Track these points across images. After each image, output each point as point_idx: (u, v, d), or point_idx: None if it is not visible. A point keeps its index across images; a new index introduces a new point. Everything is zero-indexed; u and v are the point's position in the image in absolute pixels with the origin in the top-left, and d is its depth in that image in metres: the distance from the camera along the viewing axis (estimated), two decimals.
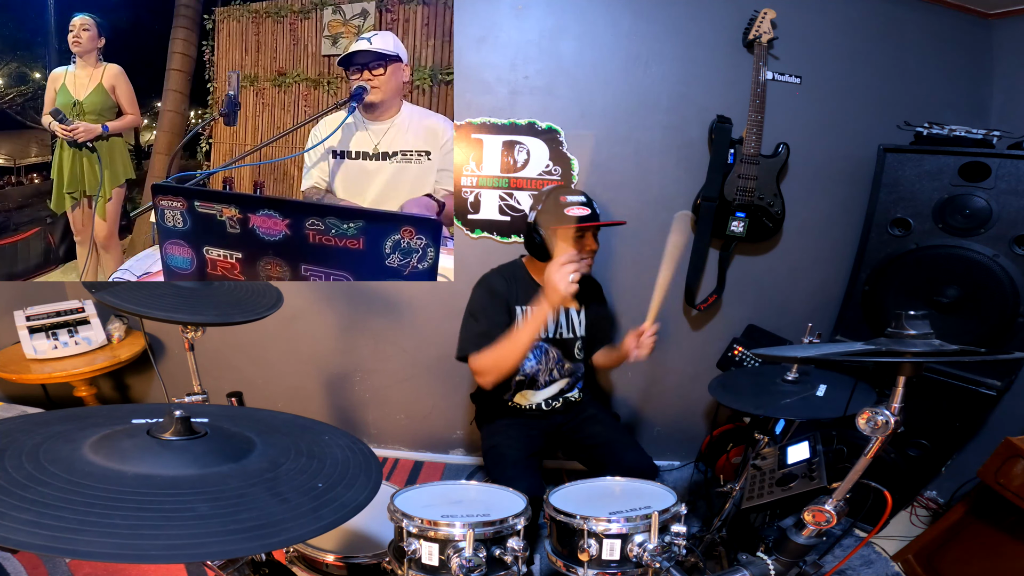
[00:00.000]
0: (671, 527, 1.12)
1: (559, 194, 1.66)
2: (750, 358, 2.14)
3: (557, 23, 2.09)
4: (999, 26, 2.10)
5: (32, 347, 2.17)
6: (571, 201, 1.64)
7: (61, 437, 0.78)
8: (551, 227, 1.63)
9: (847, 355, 0.95)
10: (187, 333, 1.42)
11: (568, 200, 1.64)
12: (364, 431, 2.60)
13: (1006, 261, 1.77)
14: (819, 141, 2.15)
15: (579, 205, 1.64)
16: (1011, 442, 1.51)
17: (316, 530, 0.70)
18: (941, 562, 1.76)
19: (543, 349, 1.78)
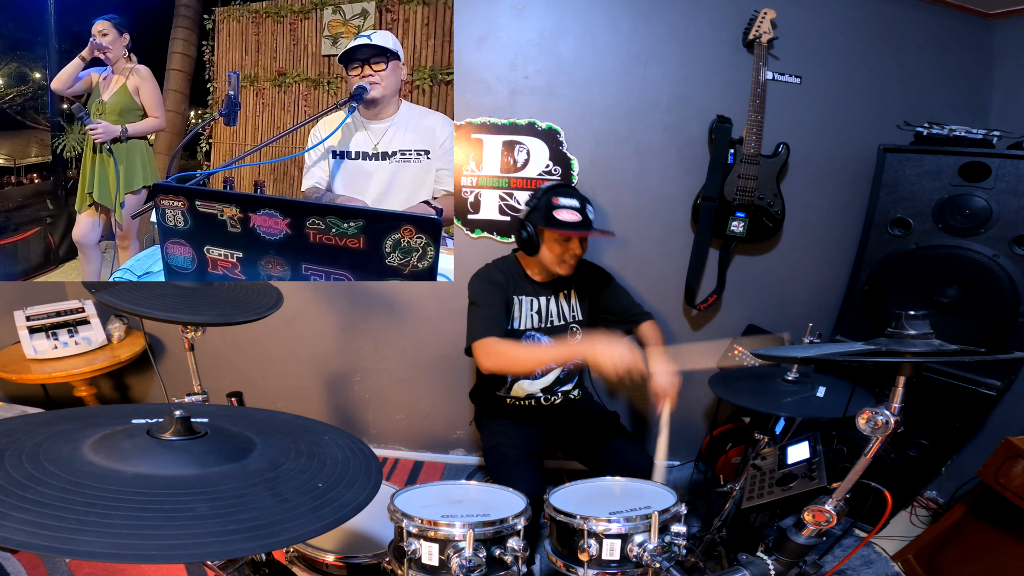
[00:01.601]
0: (671, 527, 1.12)
1: (554, 194, 1.64)
2: (750, 358, 2.13)
3: (557, 23, 2.09)
4: (999, 26, 2.10)
5: (32, 347, 2.17)
6: (563, 204, 1.62)
7: (61, 437, 0.78)
8: (538, 226, 1.64)
9: (847, 355, 0.94)
10: (187, 333, 1.42)
11: (560, 202, 1.62)
12: (364, 431, 2.60)
13: (1006, 261, 1.77)
14: (819, 141, 2.15)
15: (570, 210, 1.62)
16: (1011, 442, 1.51)
17: (316, 530, 0.70)
18: (941, 562, 1.76)
19: (534, 339, 1.78)
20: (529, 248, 1.70)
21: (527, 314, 1.76)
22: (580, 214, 1.63)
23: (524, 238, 1.68)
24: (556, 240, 1.65)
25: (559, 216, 1.61)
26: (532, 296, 1.77)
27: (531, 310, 1.77)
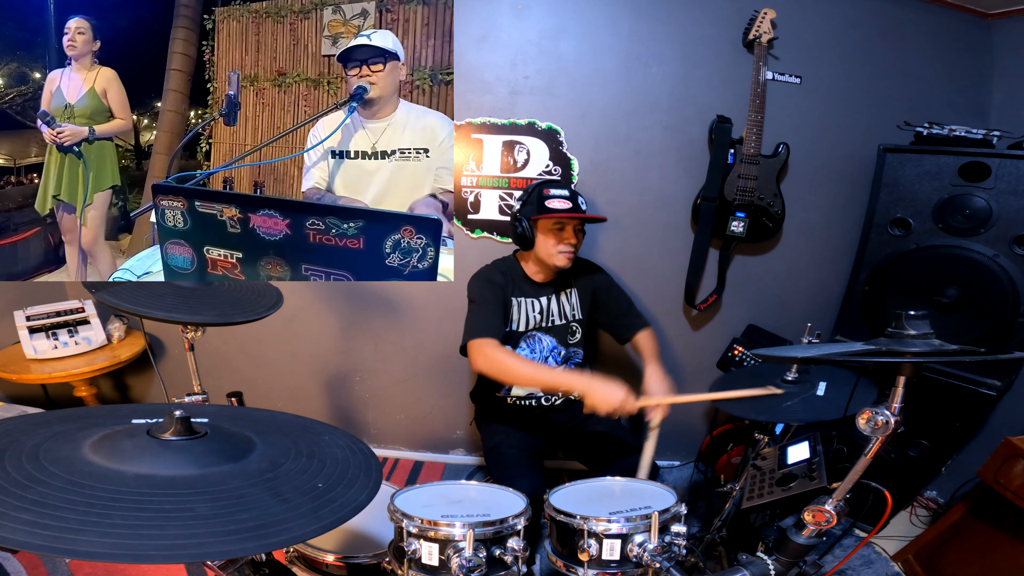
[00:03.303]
0: (671, 527, 1.11)
1: (545, 187, 1.69)
2: (750, 358, 2.14)
3: (557, 23, 2.09)
4: (999, 26, 2.10)
5: (32, 347, 2.17)
6: (554, 194, 1.67)
7: (61, 437, 0.78)
8: (531, 217, 1.67)
9: (847, 355, 0.94)
10: (187, 333, 1.42)
11: (551, 193, 1.67)
12: (364, 431, 2.60)
13: (1006, 261, 1.77)
14: (819, 141, 2.15)
15: (561, 198, 1.66)
16: (1011, 442, 1.51)
17: (316, 530, 0.70)
18: (941, 562, 1.76)
19: (536, 338, 1.78)
20: (524, 243, 1.72)
21: (528, 315, 1.76)
22: (572, 202, 1.67)
23: (519, 232, 1.71)
24: (550, 230, 1.67)
25: (551, 204, 1.65)
26: (532, 297, 1.77)
27: (532, 311, 1.77)
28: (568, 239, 1.68)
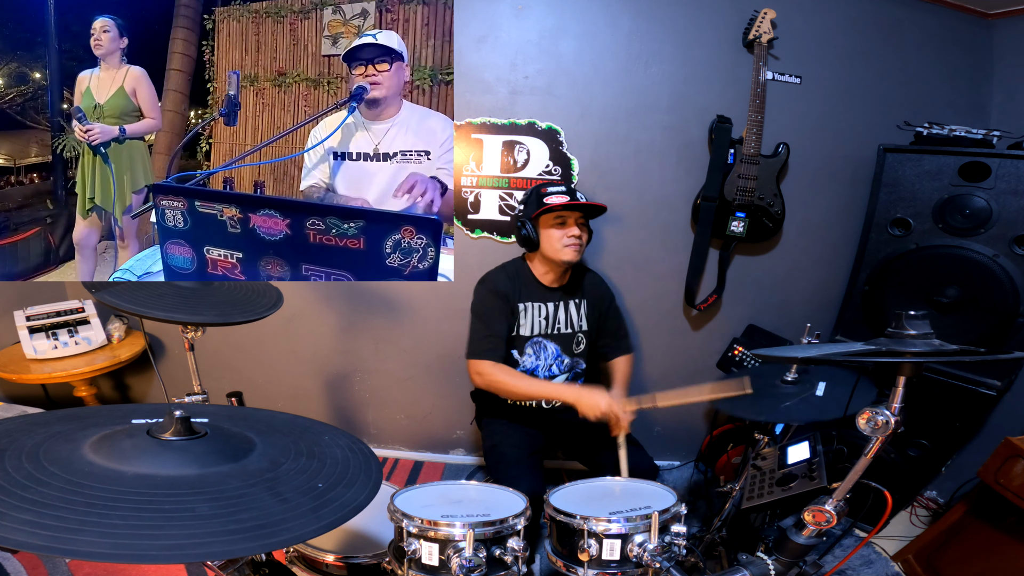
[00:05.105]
0: (671, 527, 1.11)
1: (542, 187, 1.73)
2: (750, 358, 2.14)
3: (557, 23, 2.09)
4: (999, 26, 2.10)
5: (32, 347, 2.17)
6: (551, 191, 1.70)
7: (61, 437, 0.78)
8: (532, 215, 1.69)
9: (847, 355, 0.94)
10: (187, 333, 1.42)
11: (549, 190, 1.70)
12: (364, 431, 2.60)
13: (1006, 261, 1.77)
14: (819, 141, 2.15)
15: (559, 194, 1.69)
16: (1011, 442, 1.51)
17: (316, 530, 0.70)
18: (941, 562, 1.76)
19: (541, 345, 1.79)
20: (530, 244, 1.73)
21: (534, 319, 1.77)
22: (569, 195, 1.70)
23: (523, 235, 1.72)
24: (552, 225, 1.69)
25: (549, 200, 1.68)
26: (540, 302, 1.78)
27: (539, 315, 1.78)
28: (572, 231, 1.69)
